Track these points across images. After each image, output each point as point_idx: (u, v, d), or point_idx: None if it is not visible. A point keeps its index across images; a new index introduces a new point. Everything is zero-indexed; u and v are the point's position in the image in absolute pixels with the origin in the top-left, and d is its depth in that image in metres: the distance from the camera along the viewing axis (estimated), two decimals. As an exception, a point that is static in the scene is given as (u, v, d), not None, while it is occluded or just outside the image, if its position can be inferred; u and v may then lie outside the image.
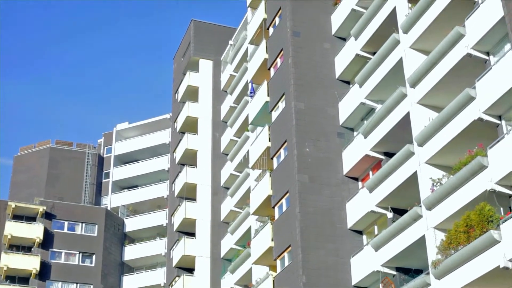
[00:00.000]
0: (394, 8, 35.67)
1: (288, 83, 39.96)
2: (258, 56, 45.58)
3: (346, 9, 40.46)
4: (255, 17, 47.40)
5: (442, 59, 31.08)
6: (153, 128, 77.35)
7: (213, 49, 60.70)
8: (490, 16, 28.45)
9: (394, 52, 35.11)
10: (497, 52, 29.26)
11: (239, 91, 53.45)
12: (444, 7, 31.62)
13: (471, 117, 28.70)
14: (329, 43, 41.50)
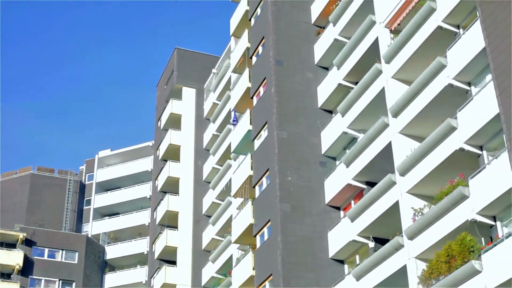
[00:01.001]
0: (376, 38, 35.91)
1: (271, 111, 40.04)
2: (241, 84, 45.69)
3: (329, 39, 40.69)
4: (239, 45, 47.56)
5: (424, 89, 31.27)
6: (135, 156, 77.18)
7: (196, 77, 60.78)
8: (472, 47, 28.69)
9: (376, 82, 35.30)
10: (479, 83, 29.49)
11: (222, 119, 53.49)
12: (426, 38, 31.88)
13: (453, 147, 28.83)
14: (312, 72, 41.67)
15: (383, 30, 35.48)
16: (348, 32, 39.28)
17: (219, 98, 55.76)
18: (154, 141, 66.73)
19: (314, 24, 43.10)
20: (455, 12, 30.72)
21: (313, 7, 43.37)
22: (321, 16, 42.42)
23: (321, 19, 42.54)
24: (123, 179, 76.87)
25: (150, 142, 73.73)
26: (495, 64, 26.40)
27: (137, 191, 74.54)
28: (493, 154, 27.92)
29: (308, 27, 43.04)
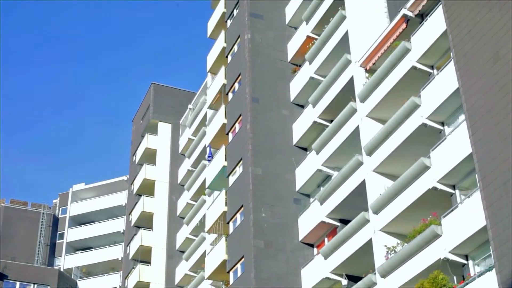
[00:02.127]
0: (351, 77, 36.27)
1: (246, 148, 40.19)
2: (216, 120, 45.84)
3: (305, 77, 41.03)
4: (215, 82, 47.80)
5: (398, 128, 31.58)
6: (109, 190, 76.93)
7: (172, 113, 60.90)
8: (445, 88, 29.07)
9: (351, 120, 35.59)
10: (452, 123, 29.84)
11: (197, 155, 53.54)
12: (400, 78, 32.27)
13: (426, 186, 29.07)
14: (287, 109, 41.93)
15: (358, 69, 35.87)
16: (323, 70, 39.65)
17: (194, 134, 55.85)
18: (128, 175, 66.57)
19: (290, 62, 43.49)
20: (429, 53, 31.17)
21: (290, 45, 43.79)
22: (297, 54, 42.83)
23: (297, 57, 42.94)
24: (97, 213, 76.53)
25: (124, 177, 73.55)
26: (468, 104, 26.76)
27: (110, 225, 74.20)
28: (466, 193, 28.17)
29: (284, 65, 43.41)
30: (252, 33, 43.60)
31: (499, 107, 25.23)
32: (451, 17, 28.88)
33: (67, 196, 79.30)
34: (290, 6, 44.89)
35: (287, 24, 44.84)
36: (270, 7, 45.11)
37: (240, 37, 44.75)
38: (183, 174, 57.19)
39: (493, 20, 26.50)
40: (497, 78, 25.66)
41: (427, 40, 31.08)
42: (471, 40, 27.44)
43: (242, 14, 45.11)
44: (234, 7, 47.03)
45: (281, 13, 45.19)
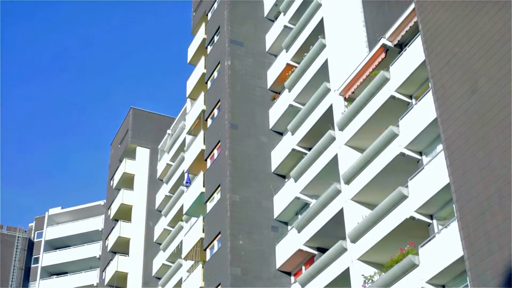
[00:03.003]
0: (330, 105, 36.37)
1: (224, 174, 40.10)
2: (195, 146, 45.76)
3: (284, 105, 41.09)
4: (194, 108, 47.78)
5: (376, 157, 31.65)
6: (86, 214, 76.48)
7: (151, 138, 60.77)
8: (424, 117, 29.21)
9: (329, 149, 35.63)
10: (430, 152, 29.96)
11: (175, 180, 53.36)
12: (379, 107, 32.40)
13: (404, 216, 29.08)
14: (266, 136, 41.94)
15: (338, 97, 35.98)
16: (303, 98, 39.75)
17: (173, 159, 55.71)
18: (106, 200, 66.23)
19: (270, 89, 43.57)
20: (408, 83, 31.34)
21: (269, 72, 43.89)
22: (277, 82, 42.93)
23: (277, 84, 43.04)
24: (73, 238, 75.98)
25: (101, 201, 73.16)
26: (446, 134, 26.90)
27: (86, 250, 73.65)
28: (443, 223, 28.22)
29: (264, 92, 43.47)
30: (232, 60, 43.69)
31: (477, 138, 25.36)
32: (430, 47, 29.09)
33: (43, 220, 78.71)
34: (270, 34, 45.07)
35: (267, 51, 44.99)
36: (250, 34, 45.26)
37: (220, 63, 44.83)
38: (160, 200, 56.95)
39: (471, 51, 26.71)
40: (475, 108, 25.82)
41: (406, 70, 31.26)
42: (449, 70, 27.63)
43: (222, 40, 45.23)
44: (214, 34, 47.15)
45: (261, 40, 45.35)
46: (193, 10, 53.40)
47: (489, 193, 24.26)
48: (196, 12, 52.58)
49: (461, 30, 27.59)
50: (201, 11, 51.12)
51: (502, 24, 25.61)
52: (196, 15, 52.12)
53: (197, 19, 51.55)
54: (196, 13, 52.30)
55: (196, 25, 51.40)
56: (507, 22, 25.40)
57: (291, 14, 42.79)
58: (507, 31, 25.29)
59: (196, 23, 51.43)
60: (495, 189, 24.07)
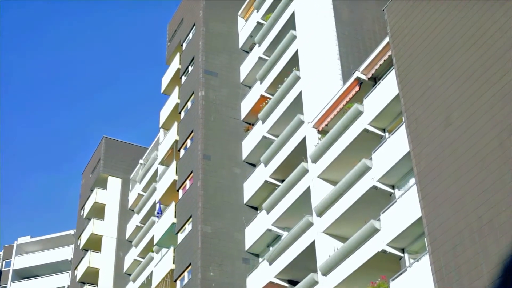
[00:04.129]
0: (304, 137, 36.35)
1: (196, 205, 39.87)
2: (167, 177, 45.52)
3: (257, 136, 41.04)
4: (167, 138, 47.60)
5: (349, 190, 31.60)
6: (55, 244, 75.71)
7: (123, 167, 60.41)
8: (397, 151, 29.24)
9: (302, 181, 35.55)
10: (402, 186, 29.96)
11: (146, 211, 52.97)
12: (352, 140, 32.42)
13: (375, 249, 28.99)
14: (239, 168, 41.82)
15: (311, 130, 35.98)
16: (276, 130, 39.73)
17: (144, 190, 55.37)
18: (76, 229, 65.60)
19: (244, 120, 43.54)
20: (381, 116, 31.41)
21: (243, 103, 43.88)
22: (251, 113, 42.91)
23: (251, 115, 43.01)
24: (42, 268, 75.14)
25: (71, 231, 72.50)
26: (419, 168, 26.94)
27: (55, 280, 72.84)
28: (415, 257, 28.15)
29: (237, 123, 43.42)
30: (206, 90, 43.64)
31: (449, 172, 25.42)
32: (404, 81, 29.22)
33: (11, 249, 77.80)
34: (245, 65, 45.14)
35: (241, 83, 45.02)
36: (225, 65, 45.29)
37: (194, 93, 44.77)
38: (131, 230, 56.48)
39: (444, 85, 26.86)
40: (448, 142, 25.91)
41: (379, 103, 31.34)
42: (423, 104, 27.74)
43: (196, 71, 45.21)
44: (189, 64, 47.15)
45: (235, 71, 45.39)
46: (168, 40, 53.43)
47: (461, 228, 24.26)
48: (171, 42, 52.61)
49: (434, 64, 27.77)
50: (176, 41, 51.17)
51: (475, 59, 25.80)
52: (171, 45, 52.15)
53: (171, 49, 51.57)
54: (171, 43, 52.33)
55: (171, 55, 51.41)
56: (480, 57, 25.58)
57: (266, 45, 42.94)
58: (480, 65, 25.46)
59: (171, 53, 51.45)
60: (466, 224, 24.08)
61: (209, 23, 46.67)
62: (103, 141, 61.54)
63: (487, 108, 24.59)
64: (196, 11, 48.11)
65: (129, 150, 61.41)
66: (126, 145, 62.07)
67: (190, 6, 49.82)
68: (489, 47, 25.34)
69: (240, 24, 47.63)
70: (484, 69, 25.20)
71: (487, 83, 24.92)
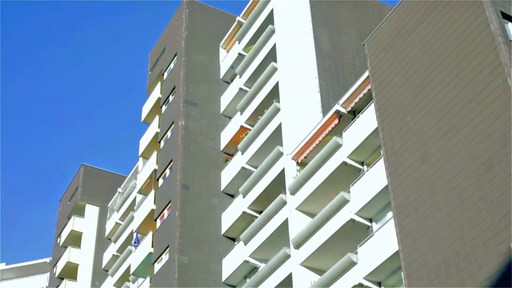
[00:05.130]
0: (283, 169, 36.39)
1: (174, 235, 39.71)
2: (145, 206, 45.37)
3: (236, 167, 41.05)
4: (146, 167, 47.51)
5: (327, 222, 31.61)
6: (31, 272, 74.93)
7: (101, 196, 60.11)
8: (375, 184, 29.33)
9: (280, 213, 35.53)
10: (380, 219, 30.01)
11: (123, 240, 52.66)
12: (330, 172, 32.49)
13: (352, 282, 28.97)
14: (217, 198, 41.75)
15: (290, 161, 36.04)
16: (255, 161, 39.76)
17: (122, 218, 55.10)
18: (52, 257, 65.05)
19: (223, 151, 43.55)
20: (360, 150, 31.53)
21: (223, 134, 43.92)
22: (230, 144, 42.94)
23: (230, 146, 43.04)
24: (17, 295, 74.33)
25: (47, 259, 71.82)
26: (396, 202, 27.03)
27: (29, 308, 72.09)
28: (391, 291, 28.17)
29: (217, 154, 43.41)
30: (186, 120, 43.67)
31: (427, 206, 25.53)
32: (383, 115, 29.40)
33: (-14, 276, 77.01)
34: (226, 96, 45.25)
35: (222, 113, 45.09)
36: (205, 95, 45.38)
37: (174, 123, 44.78)
38: (108, 259, 56.09)
39: (422, 121, 27.06)
40: (425, 177, 26.05)
41: (358, 136, 31.48)
42: (401, 139, 27.91)
43: (177, 100, 45.25)
44: (169, 93, 47.20)
45: (216, 101, 45.48)
46: (149, 69, 53.52)
47: (437, 262, 24.32)
48: (152, 71, 52.69)
49: (413, 99, 27.99)
50: (157, 70, 51.25)
51: (453, 95, 26.03)
52: (152, 74, 52.22)
53: (153, 78, 51.64)
54: (152, 72, 52.41)
55: (152, 84, 51.46)
56: (457, 94, 25.81)
57: (247, 77, 43.11)
58: (458, 102, 25.69)
59: (152, 82, 51.51)
60: (443, 259, 24.15)
61: (190, 53, 46.83)
62: (81, 169, 61.27)
63: (465, 144, 24.79)
64: (178, 41, 48.27)
65: (107, 178, 61.15)
66: (104, 173, 61.82)
67: (172, 36, 49.98)
68: (467, 83, 25.60)
69: (221, 55, 47.83)
70: (462, 105, 25.43)
71: (465, 119, 25.15)
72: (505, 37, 25.22)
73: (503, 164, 22.96)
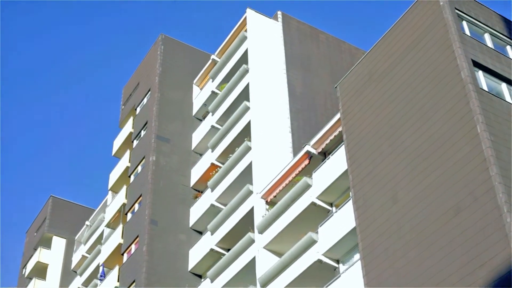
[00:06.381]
0: (252, 208, 36.50)
1: (140, 270, 39.55)
2: (113, 240, 45.18)
3: (206, 204, 41.08)
4: (115, 201, 47.39)
5: (294, 262, 31.70)
6: (-6, 303, 74.05)
7: (69, 228, 59.72)
8: (343, 226, 29.50)
9: (248, 251, 35.58)
10: (347, 261, 30.13)
11: (90, 273, 52.25)
12: (299, 213, 32.64)
13: (317, 323, 29.03)
14: (186, 235, 41.70)
15: (259, 200, 36.18)
16: (225, 198, 39.84)
17: (89, 251, 54.74)
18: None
19: (193, 187, 43.61)
20: (329, 191, 31.76)
21: (194, 170, 43.99)
22: (200, 181, 43.02)
23: (200, 183, 43.12)
24: (-22, 327, 73.32)
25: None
26: (364, 244, 27.19)
27: None
28: (356, 333, 28.20)
29: (187, 190, 43.45)
30: (157, 156, 43.74)
31: (394, 249, 25.68)
32: (353, 157, 29.70)
33: None
34: (197, 133, 45.42)
35: (193, 150, 45.22)
36: (177, 132, 45.52)
37: (145, 158, 44.81)
38: (73, 292, 55.64)
39: (392, 163, 27.35)
40: (394, 220, 26.24)
41: (328, 177, 31.72)
42: (370, 181, 28.17)
43: (149, 135, 45.34)
44: (141, 128, 47.28)
45: (187, 138, 45.61)
46: (122, 103, 53.60)
47: (403, 305, 24.44)
48: (125, 105, 52.78)
49: (383, 143, 28.31)
50: (130, 105, 51.35)
51: (423, 140, 26.40)
52: (125, 108, 52.30)
53: (125, 113, 51.70)
54: (125, 107, 52.49)
55: (124, 118, 51.51)
56: (427, 139, 26.19)
57: (219, 115, 43.32)
58: (427, 147, 26.05)
59: (124, 116, 51.56)
60: (409, 301, 24.28)
61: (164, 90, 47.05)
62: (50, 200, 60.91)
63: (434, 188, 25.08)
64: (152, 76, 48.49)
65: (76, 210, 60.84)
66: (73, 205, 61.50)
67: (147, 71, 50.21)
68: (437, 129, 25.99)
69: (195, 92, 48.10)
70: (432, 150, 25.78)
71: (434, 164, 25.48)
72: (475, 85, 25.70)
73: (471, 209, 23.25)
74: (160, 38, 49.80)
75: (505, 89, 27.32)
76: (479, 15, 29.64)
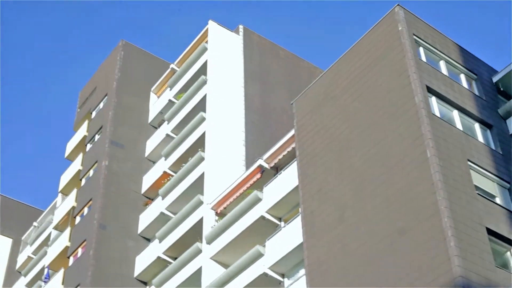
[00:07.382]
0: (201, 218, 36.62)
1: (86, 274, 39.37)
2: (60, 242, 44.90)
3: (155, 211, 41.08)
4: (65, 203, 47.11)
5: (240, 274, 31.86)
6: None
7: (16, 228, 59.03)
8: (290, 241, 29.76)
9: (195, 260, 35.66)
10: (292, 276, 30.36)
11: (34, 274, 51.78)
12: (248, 225, 32.84)
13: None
14: (134, 241, 41.63)
15: (209, 211, 36.31)
16: (175, 207, 39.89)
17: (35, 252, 54.27)
18: (-43, 287, 63.52)
19: (144, 194, 43.58)
20: (279, 205, 32.00)
21: (146, 178, 43.97)
22: (152, 188, 43.02)
23: (151, 190, 43.12)
24: None
25: (-47, 288, 69.98)
26: (309, 260, 27.45)
27: None
28: None
29: (137, 197, 43.41)
30: (110, 161, 43.66)
31: (339, 266, 25.96)
32: (304, 174, 29.99)
33: None
34: (152, 140, 45.43)
35: (146, 157, 45.21)
36: (132, 138, 45.46)
37: (97, 162, 44.68)
38: (15, 293, 55.07)
39: (342, 183, 27.71)
40: (340, 238, 26.54)
41: (278, 192, 31.98)
42: (320, 198, 28.46)
43: (103, 140, 45.23)
44: (96, 133, 47.14)
45: (141, 145, 45.59)
46: (78, 106, 53.37)
47: (344, 322, 24.70)
48: (81, 108, 52.57)
49: (335, 161, 28.66)
50: (86, 108, 51.16)
51: (372, 162, 26.80)
52: (81, 112, 52.09)
53: (80, 116, 51.49)
54: (81, 110, 52.29)
55: (79, 121, 51.28)
56: (377, 161, 26.59)
57: (175, 124, 43.39)
58: (376, 168, 26.45)
59: (79, 120, 51.33)
60: (350, 319, 24.56)
61: (121, 95, 47.01)
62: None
63: (380, 210, 25.45)
64: (110, 81, 48.43)
65: (24, 211, 60.20)
66: (21, 205, 60.85)
67: (105, 76, 50.13)
68: (387, 152, 26.40)
69: (152, 99, 48.13)
70: (381, 172, 26.18)
71: (382, 185, 25.86)
72: (428, 110, 26.19)
73: (417, 231, 23.63)
74: (120, 44, 49.80)
75: (457, 116, 27.89)
76: (436, 42, 30.23)
